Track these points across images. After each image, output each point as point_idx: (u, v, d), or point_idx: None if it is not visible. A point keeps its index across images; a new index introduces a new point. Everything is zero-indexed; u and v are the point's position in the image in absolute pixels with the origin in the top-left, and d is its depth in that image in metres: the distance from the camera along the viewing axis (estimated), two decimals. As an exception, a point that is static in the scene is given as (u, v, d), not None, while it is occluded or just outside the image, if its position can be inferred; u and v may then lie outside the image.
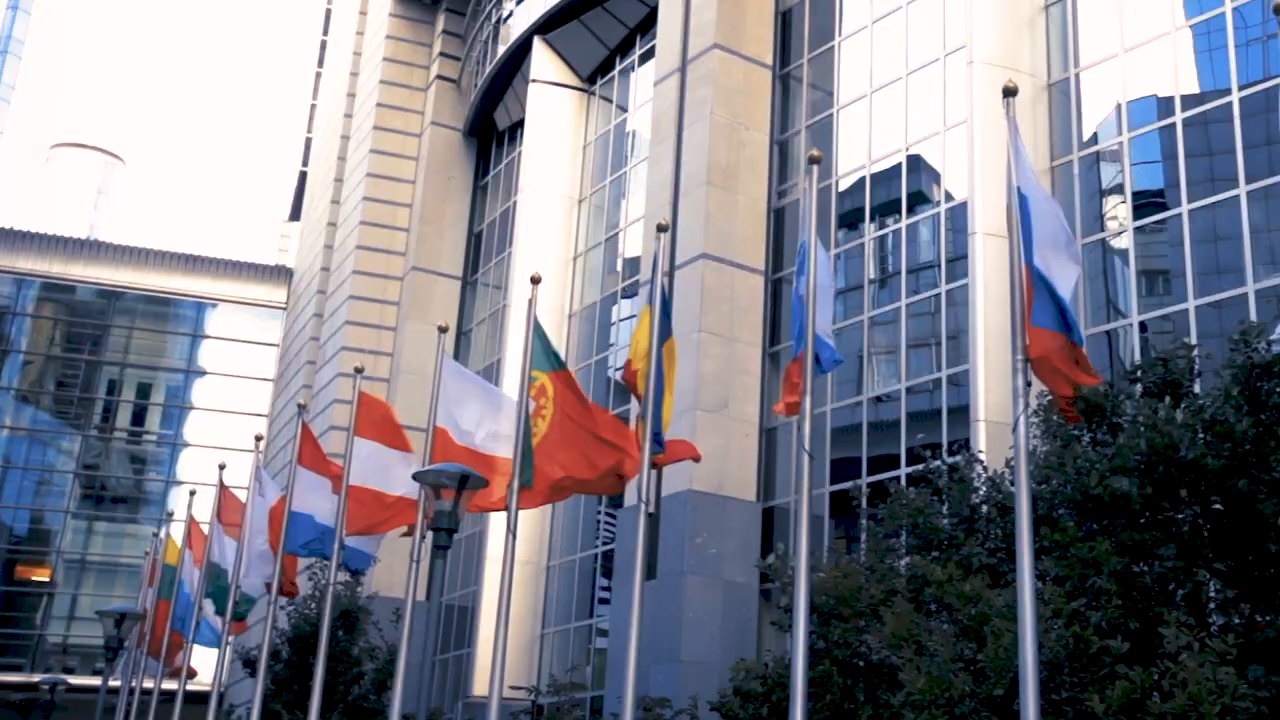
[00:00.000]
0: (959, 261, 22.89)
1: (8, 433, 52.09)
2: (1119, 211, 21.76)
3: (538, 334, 13.82)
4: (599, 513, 30.53)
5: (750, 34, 28.70)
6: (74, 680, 36.64)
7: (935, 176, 24.71)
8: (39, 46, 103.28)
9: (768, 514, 25.92)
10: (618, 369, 32.44)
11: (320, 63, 63.84)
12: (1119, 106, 22.07)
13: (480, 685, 31.17)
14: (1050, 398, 13.35)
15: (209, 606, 21.82)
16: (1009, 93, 9.50)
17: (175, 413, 54.97)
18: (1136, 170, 21.65)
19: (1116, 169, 21.84)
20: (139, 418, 55.71)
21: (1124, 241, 21.47)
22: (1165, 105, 21.25)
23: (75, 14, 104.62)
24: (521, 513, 13.29)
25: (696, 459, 13.27)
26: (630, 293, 32.04)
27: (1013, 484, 15.07)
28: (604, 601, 29.73)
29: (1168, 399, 13.22)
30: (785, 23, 29.45)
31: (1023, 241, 9.02)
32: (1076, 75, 22.83)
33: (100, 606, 32.53)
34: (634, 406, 26.67)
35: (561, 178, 36.53)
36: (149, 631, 25.19)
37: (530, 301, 14.02)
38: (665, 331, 12.24)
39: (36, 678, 41.38)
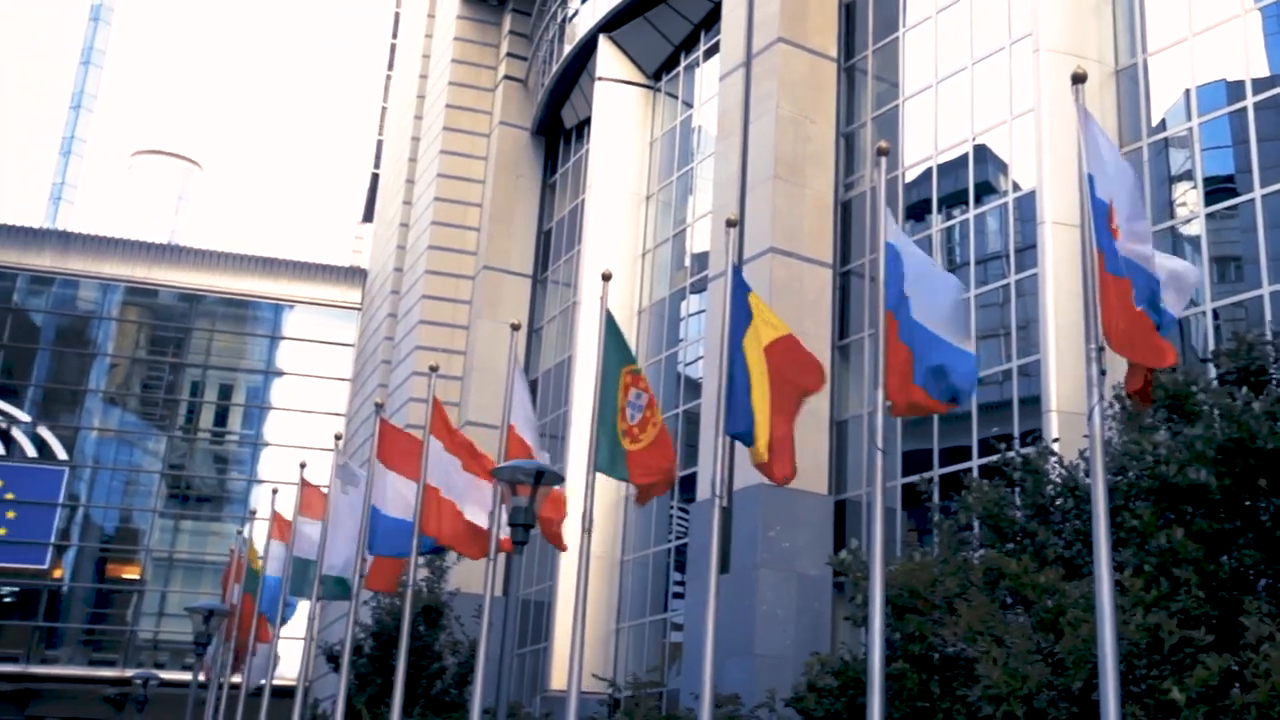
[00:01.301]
0: (1027, 251, 22.74)
1: (96, 434, 53.50)
2: (1189, 198, 21.49)
3: (612, 330, 13.76)
4: (671, 507, 30.74)
5: (814, 27, 28.69)
6: (165, 675, 37.63)
7: (1002, 166, 24.56)
8: (119, 57, 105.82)
9: (839, 507, 25.96)
10: (687, 364, 32.62)
11: (390, 65, 64.73)
12: (1188, 92, 21.78)
13: (558, 679, 31.57)
14: (1124, 387, 13.30)
15: (295, 601, 22.29)
16: (1078, 79, 9.39)
17: (256, 413, 56.11)
18: (1207, 156, 21.36)
19: (1186, 155, 21.57)
20: (221, 418, 56.94)
21: (1195, 228, 21.21)
22: (1235, 89, 20.93)
23: (153, 24, 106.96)
24: (595, 508, 13.41)
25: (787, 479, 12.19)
26: (699, 288, 32.19)
27: (1087, 474, 15.06)
28: (678, 596, 29.96)
29: (1245, 388, 13.10)
30: (849, 15, 29.40)
31: (1095, 228, 8.93)
32: (1144, 60, 22.56)
33: (188, 603, 33.46)
34: (705, 402, 26.91)
35: (629, 174, 36.77)
36: (235, 627, 25.84)
37: (602, 298, 14.03)
38: (739, 330, 12.04)
39: (129, 673, 42.52)
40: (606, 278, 14.37)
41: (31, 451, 51.42)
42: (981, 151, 24.95)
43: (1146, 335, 8.87)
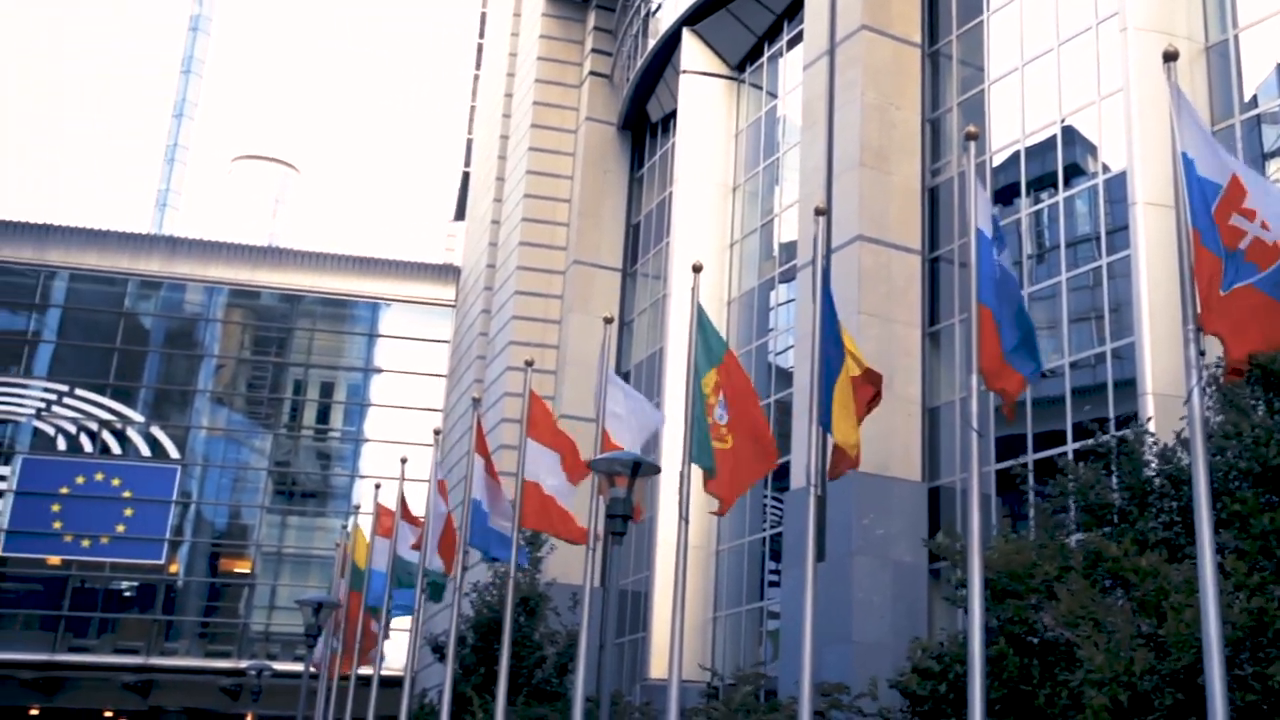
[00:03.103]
0: (1119, 233, 22.48)
1: (205, 433, 55.14)
2: (1284, 175, 21.08)
3: (704, 324, 13.79)
4: (765, 497, 30.92)
5: (897, 13, 28.57)
6: (277, 666, 38.78)
7: (1091, 148, 24.27)
8: (217, 66, 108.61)
9: (933, 493, 25.93)
10: (777, 354, 32.74)
11: (478, 65, 65.52)
12: (1280, 67, 21.36)
13: (657, 668, 31.95)
14: (1221, 367, 13.16)
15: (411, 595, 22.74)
16: (1169, 57, 9.32)
17: (356, 410, 57.36)
18: (1300, 132, 20.94)
19: (1278, 131, 21.14)
20: (323, 415, 58.30)
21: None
22: (1331, 62, 20.49)
23: (249, 33, 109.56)
24: (690, 498, 13.46)
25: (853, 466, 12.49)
26: (787, 277, 32.28)
27: (1185, 456, 14.96)
28: (774, 584, 30.14)
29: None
30: (932, 0, 29.23)
31: (1190, 207, 8.82)
32: (1235, 36, 22.12)
33: (297, 596, 34.48)
34: (797, 391, 27.00)
35: (715, 166, 36.94)
36: (344, 619, 26.62)
37: (693, 290, 14.07)
38: (830, 318, 12.12)
39: (243, 664, 43.89)
40: (697, 269, 14.41)
41: (145, 451, 53.27)
42: (1070, 133, 24.67)
43: (1258, 314, 8.56)
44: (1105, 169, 23.51)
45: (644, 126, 43.35)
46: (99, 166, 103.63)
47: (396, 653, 34.96)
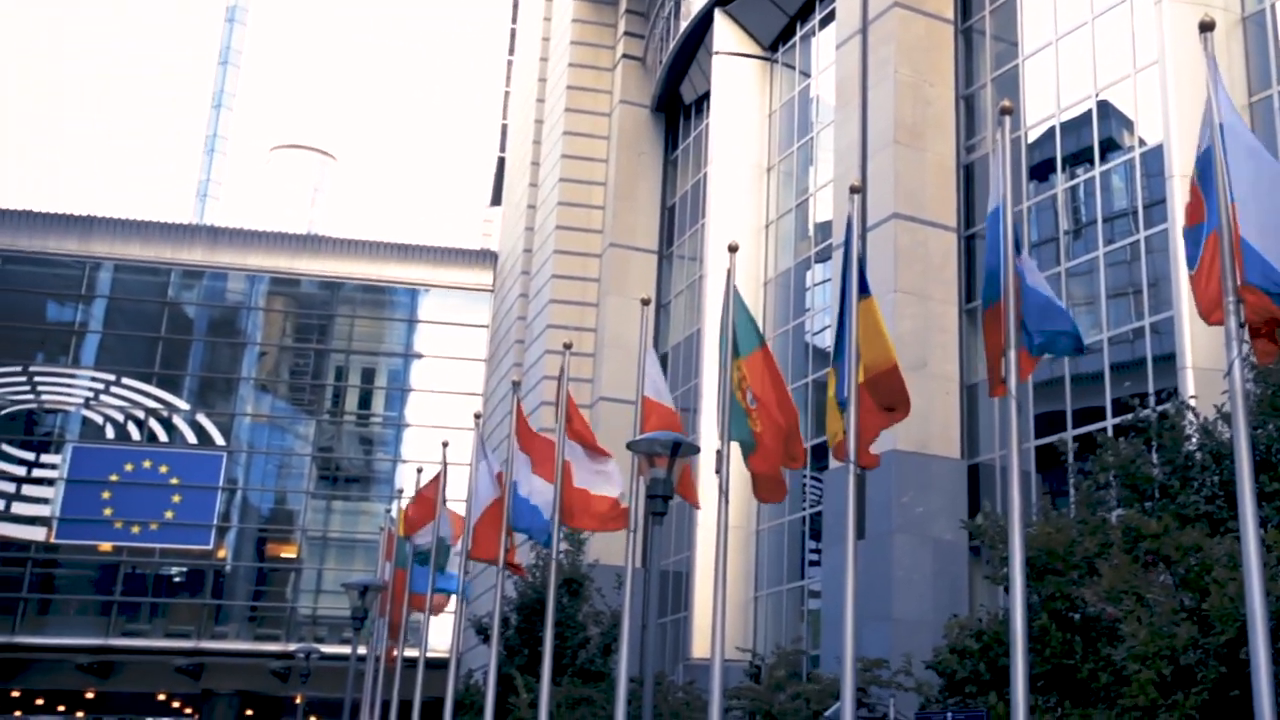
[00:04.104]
0: (1156, 206, 22.37)
1: (250, 420, 55.83)
2: (1323, 145, 20.86)
3: (739, 307, 13.60)
4: (804, 476, 31.02)
5: (930, -11, 28.47)
6: (325, 649, 39.35)
7: (1127, 121, 24.12)
8: (254, 56, 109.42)
9: (973, 471, 25.96)
10: (814, 334, 32.77)
11: (511, 50, 65.65)
12: (1320, 34, 21.13)
13: (699, 648, 32.19)
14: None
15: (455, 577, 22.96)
16: (1205, 28, 9.21)
17: (397, 395, 57.84)
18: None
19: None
20: (365, 401, 58.84)
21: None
22: (1371, 29, 20.25)
23: (284, 23, 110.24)
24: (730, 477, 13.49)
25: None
26: (823, 257, 32.29)
27: (1226, 430, 14.95)
28: (814, 563, 30.27)
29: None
30: (965, -24, 29.10)
31: (1229, 180, 8.68)
32: (1272, 5, 21.89)
33: (343, 579, 34.92)
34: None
35: (749, 147, 36.94)
36: (389, 602, 26.95)
37: (729, 270, 13.89)
38: (862, 291, 11.92)
39: (292, 647, 44.53)
40: (733, 249, 14.13)
41: (191, 438, 54.03)
42: (1105, 107, 24.52)
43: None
44: (1141, 142, 23.37)
45: (677, 108, 43.37)
46: (140, 158, 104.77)
47: (442, 634, 35.37)
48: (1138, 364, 22.54)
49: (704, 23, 38.34)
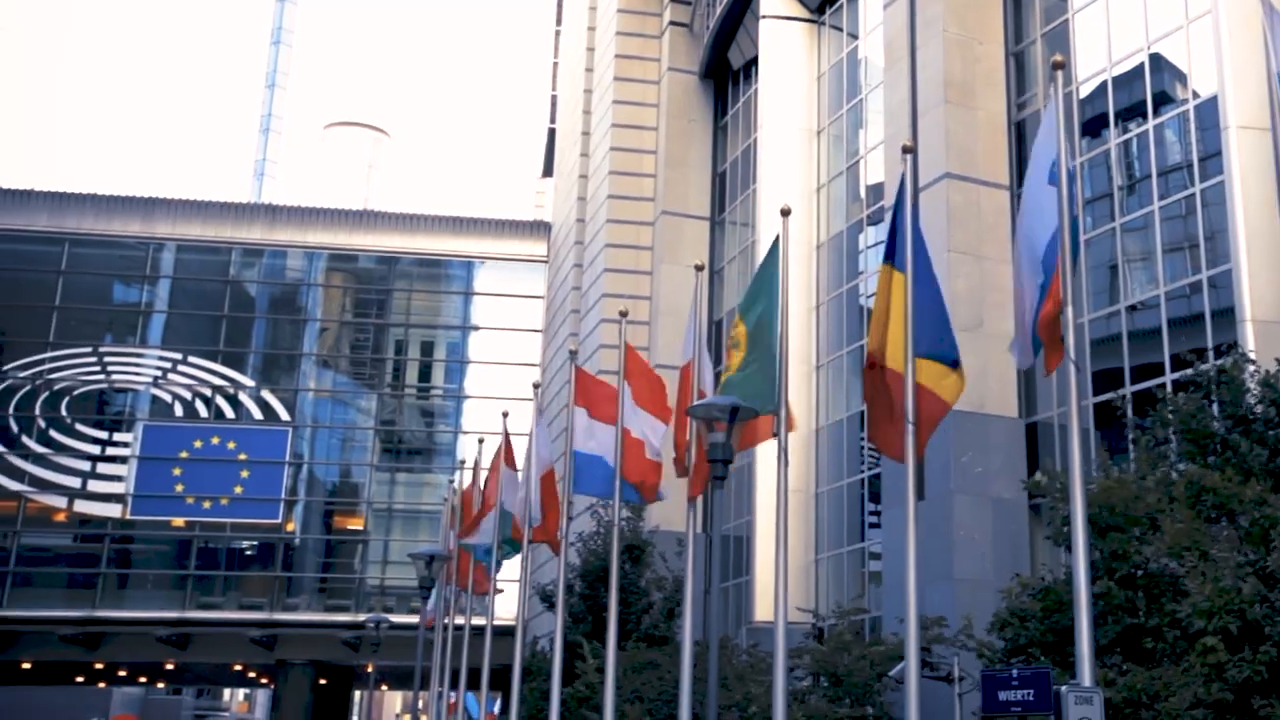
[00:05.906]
0: (1211, 159, 22.12)
1: (313, 395, 56.73)
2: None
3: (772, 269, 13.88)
4: (862, 439, 31.12)
5: (977, -55, 28.15)
6: (394, 618, 40.14)
7: (1180, 74, 23.81)
8: (306, 35, 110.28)
9: (1031, 429, 25.92)
10: (868, 296, 32.73)
11: (558, 20, 65.61)
12: (1382, -23, 20.68)
13: (761, 611, 32.47)
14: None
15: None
16: None
17: (456, 367, 58.44)
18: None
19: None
20: (425, 374, 59.52)
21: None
22: None
23: (335, 2, 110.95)
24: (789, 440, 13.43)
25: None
26: (876, 219, 32.22)
27: (1288, 382, 14.88)
28: (874, 526, 30.41)
29: None
30: (1013, -70, 28.74)
31: None
32: (1330, -50, 21.50)
33: (408, 550, 35.55)
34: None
35: (798, 111, 36.83)
36: (455, 571, 27.48)
37: (782, 234, 13.90)
38: (897, 258, 12.14)
39: (361, 617, 45.49)
40: (785, 213, 14.16)
41: (258, 414, 55.07)
42: (1157, 60, 24.22)
43: None
44: (1195, 95, 23.08)
45: (725, 74, 43.26)
46: (198, 139, 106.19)
47: (508, 603, 35.98)
48: (1195, 318, 22.37)
49: (750, -13, 38.18)
